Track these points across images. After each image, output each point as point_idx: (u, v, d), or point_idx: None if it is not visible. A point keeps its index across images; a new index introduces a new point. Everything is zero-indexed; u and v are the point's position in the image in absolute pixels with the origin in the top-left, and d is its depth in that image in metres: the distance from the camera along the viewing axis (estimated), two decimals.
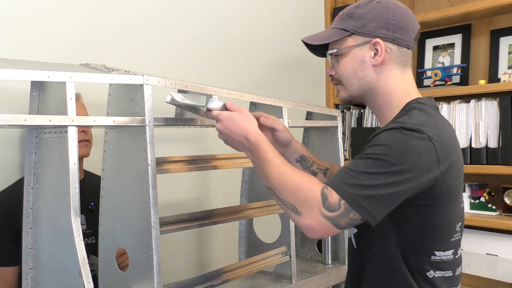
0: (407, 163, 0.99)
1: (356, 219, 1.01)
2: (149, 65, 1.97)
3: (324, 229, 1.02)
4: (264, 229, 1.82)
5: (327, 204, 1.01)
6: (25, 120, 1.07)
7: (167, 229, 1.32)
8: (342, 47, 1.17)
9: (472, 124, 2.25)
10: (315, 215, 1.01)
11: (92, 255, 1.56)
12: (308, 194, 1.03)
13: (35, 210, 1.28)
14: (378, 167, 0.99)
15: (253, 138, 1.15)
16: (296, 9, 2.58)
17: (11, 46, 1.63)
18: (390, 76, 1.15)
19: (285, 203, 1.07)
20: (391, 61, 1.14)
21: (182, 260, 2.12)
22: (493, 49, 2.36)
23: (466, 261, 2.26)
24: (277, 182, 1.09)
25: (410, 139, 1.00)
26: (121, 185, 1.30)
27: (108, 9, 1.87)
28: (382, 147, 1.01)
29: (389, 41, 1.13)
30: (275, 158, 1.12)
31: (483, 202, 2.28)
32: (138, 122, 1.23)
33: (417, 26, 1.18)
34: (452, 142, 1.07)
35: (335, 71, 1.20)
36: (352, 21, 1.15)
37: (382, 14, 1.13)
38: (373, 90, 1.16)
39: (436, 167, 1.02)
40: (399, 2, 1.18)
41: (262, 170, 1.13)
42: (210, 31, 2.21)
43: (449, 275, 1.12)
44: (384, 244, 1.10)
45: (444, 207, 1.07)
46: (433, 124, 1.05)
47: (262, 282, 1.65)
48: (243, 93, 1.56)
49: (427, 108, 1.10)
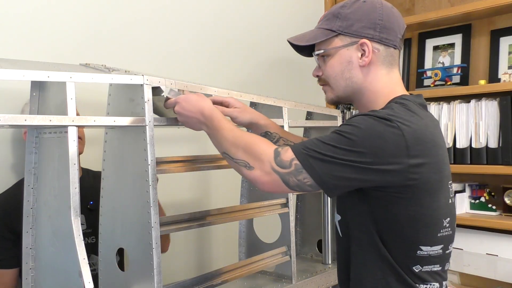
0: (370, 147, 1.00)
1: (305, 183, 1.04)
2: (149, 65, 1.97)
3: (272, 182, 1.06)
4: (264, 229, 1.82)
5: (278, 160, 1.04)
6: (25, 120, 1.07)
7: (167, 229, 1.32)
8: (328, 47, 1.17)
9: (472, 124, 2.25)
10: (266, 168, 1.05)
11: (93, 255, 1.56)
12: (261, 151, 1.07)
13: (35, 210, 1.28)
14: (340, 142, 1.01)
15: (208, 111, 1.21)
16: (296, 9, 2.58)
17: (11, 46, 1.63)
18: (377, 76, 1.15)
19: (238, 161, 1.11)
20: (378, 61, 1.14)
21: (182, 260, 2.12)
22: (493, 49, 2.36)
23: (466, 261, 2.26)
24: (232, 143, 1.13)
25: (378, 125, 1.01)
26: (121, 185, 1.30)
27: (108, 9, 1.87)
28: (350, 127, 1.02)
29: (376, 41, 1.13)
30: (230, 125, 1.17)
31: (483, 202, 2.28)
32: (138, 122, 1.23)
33: (403, 26, 1.18)
34: (431, 138, 1.06)
35: (322, 72, 1.21)
36: (339, 21, 1.15)
37: (368, 14, 1.13)
38: (359, 90, 1.16)
39: (404, 158, 1.01)
40: (385, 1, 1.18)
41: (218, 138, 1.17)
42: (210, 31, 2.21)
43: (438, 269, 1.12)
44: (366, 233, 1.10)
45: (423, 201, 1.06)
46: (409, 117, 1.05)
47: (262, 282, 1.65)
48: (243, 93, 1.56)
49: (410, 104, 1.10)
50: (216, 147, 1.20)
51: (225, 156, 1.16)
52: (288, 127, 1.65)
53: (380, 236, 1.09)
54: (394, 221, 1.07)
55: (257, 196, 1.72)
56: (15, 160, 1.66)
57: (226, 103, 1.39)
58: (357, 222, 1.12)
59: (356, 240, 1.13)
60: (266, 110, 1.70)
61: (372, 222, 1.09)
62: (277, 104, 1.65)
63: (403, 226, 1.07)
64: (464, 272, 2.28)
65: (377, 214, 1.08)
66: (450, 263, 1.19)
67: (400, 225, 1.07)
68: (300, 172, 1.03)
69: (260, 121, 1.39)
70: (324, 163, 1.01)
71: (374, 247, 1.09)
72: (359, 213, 1.10)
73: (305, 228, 2.01)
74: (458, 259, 2.28)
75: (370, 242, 1.10)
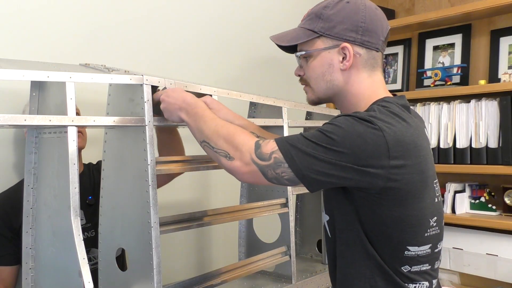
0: (350, 147, 1.00)
1: (283, 176, 1.04)
2: (149, 65, 1.97)
3: (250, 173, 1.07)
4: (264, 229, 1.82)
5: (258, 152, 1.05)
6: (25, 120, 1.07)
7: (167, 229, 1.32)
8: (310, 49, 1.16)
9: (472, 124, 2.25)
10: (246, 159, 1.06)
11: (93, 248, 1.56)
12: (242, 142, 1.07)
13: (35, 210, 1.28)
14: (321, 140, 1.02)
15: (192, 100, 1.22)
16: (296, 9, 2.58)
17: (11, 46, 1.63)
18: (358, 79, 1.15)
19: (219, 151, 1.11)
20: (360, 64, 1.14)
21: (182, 260, 2.12)
22: (493, 49, 2.36)
23: (466, 261, 2.26)
24: (213, 132, 1.12)
25: (359, 126, 1.02)
26: (121, 185, 1.30)
27: (108, 9, 1.88)
28: (332, 126, 1.03)
29: (357, 45, 1.13)
30: (212, 114, 1.17)
31: (483, 202, 2.28)
32: (138, 122, 1.23)
33: (386, 27, 1.17)
34: (412, 140, 1.06)
35: (303, 72, 1.20)
36: (321, 22, 1.14)
37: (351, 16, 1.12)
38: (340, 92, 1.17)
39: (385, 159, 1.01)
40: (369, 2, 1.16)
41: (199, 125, 1.17)
42: (210, 31, 2.22)
43: (427, 268, 1.12)
44: (353, 232, 1.10)
45: (407, 202, 1.06)
46: (390, 120, 1.05)
47: (262, 282, 1.65)
48: (243, 93, 1.56)
49: (391, 106, 1.10)
50: (195, 135, 1.19)
51: (204, 144, 1.15)
52: (288, 127, 1.65)
53: (367, 236, 1.09)
54: (379, 222, 1.07)
55: (257, 196, 1.72)
56: (17, 160, 1.66)
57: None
58: (344, 222, 1.12)
59: (344, 240, 1.13)
60: (266, 110, 1.70)
61: (359, 222, 1.09)
62: (277, 104, 1.65)
63: (388, 227, 1.07)
64: (464, 272, 2.28)
65: (363, 215, 1.09)
66: (441, 261, 1.19)
67: (385, 226, 1.07)
68: (279, 166, 1.04)
69: (235, 121, 1.37)
70: (305, 156, 1.02)
71: (362, 247, 1.10)
72: (345, 213, 1.11)
73: (304, 228, 2.01)
74: (458, 259, 2.28)
75: (357, 241, 1.10)
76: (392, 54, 2.74)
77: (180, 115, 1.22)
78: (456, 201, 2.29)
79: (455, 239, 2.30)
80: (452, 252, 2.30)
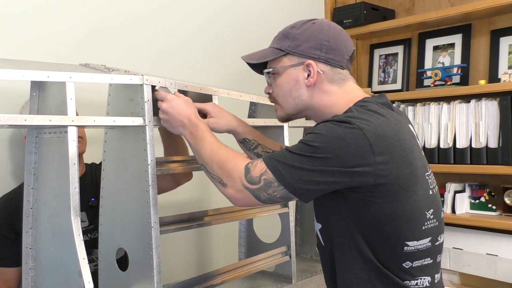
0: (333, 151, 1.02)
1: (276, 195, 1.08)
2: (149, 65, 1.97)
3: (244, 199, 1.11)
4: (264, 229, 1.82)
5: (248, 177, 1.09)
6: (25, 120, 1.07)
7: (167, 229, 1.32)
8: (277, 66, 1.21)
9: (472, 124, 2.25)
10: (237, 186, 1.10)
11: (96, 250, 1.56)
12: (233, 168, 1.11)
13: (35, 210, 1.28)
14: (305, 151, 1.04)
15: (195, 119, 1.24)
16: (296, 9, 2.58)
17: (11, 46, 1.63)
18: (327, 93, 1.18)
19: (214, 176, 1.15)
20: (326, 80, 1.18)
21: (182, 260, 2.12)
22: (493, 49, 2.36)
23: (466, 261, 2.26)
24: (209, 158, 1.17)
25: (338, 128, 1.04)
26: (121, 185, 1.30)
27: (108, 9, 1.87)
28: (313, 135, 1.06)
29: (322, 62, 1.17)
30: (210, 138, 1.20)
31: (483, 202, 2.28)
32: (138, 122, 1.23)
33: (351, 47, 1.21)
34: (394, 133, 1.07)
35: (272, 89, 1.24)
36: (288, 41, 1.19)
37: (315, 35, 1.17)
38: (310, 107, 1.20)
39: (370, 156, 1.03)
40: (334, 23, 1.21)
41: (198, 148, 1.20)
42: (210, 31, 2.21)
43: (428, 262, 1.12)
44: (349, 237, 1.11)
45: (399, 197, 1.07)
46: (368, 117, 1.06)
47: (262, 282, 1.66)
48: (243, 93, 1.56)
49: (370, 104, 1.11)
50: (196, 156, 1.23)
51: (202, 168, 1.20)
52: (288, 127, 1.65)
53: (364, 238, 1.09)
54: (375, 221, 1.08)
55: None
56: (17, 160, 1.66)
57: (204, 111, 1.38)
58: (340, 227, 1.12)
59: (340, 245, 1.13)
60: (266, 110, 1.70)
61: (355, 225, 1.10)
62: None
63: (384, 224, 1.07)
64: (464, 272, 2.28)
65: (358, 216, 1.09)
66: (442, 261, 1.19)
67: (381, 225, 1.07)
68: (269, 186, 1.07)
69: (238, 128, 1.39)
70: (292, 170, 1.04)
71: (358, 251, 1.10)
72: (341, 217, 1.11)
73: (305, 228, 2.01)
74: (458, 259, 2.28)
75: (353, 246, 1.11)
76: (392, 54, 2.74)
77: (183, 133, 1.25)
78: (456, 201, 2.29)
79: (455, 239, 2.30)
80: (452, 252, 2.30)
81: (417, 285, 1.11)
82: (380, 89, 2.74)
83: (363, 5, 2.63)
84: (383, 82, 2.77)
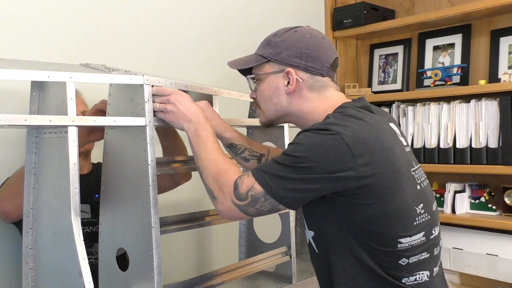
0: (314, 159, 1.04)
1: (263, 210, 1.10)
2: (149, 65, 1.97)
3: (233, 215, 1.14)
4: (265, 229, 1.82)
5: (237, 194, 1.11)
6: (25, 120, 1.07)
7: (167, 229, 1.32)
8: (260, 73, 1.25)
9: (472, 124, 2.25)
10: (226, 202, 1.12)
11: (96, 243, 1.56)
12: (225, 182, 1.13)
13: (35, 210, 1.28)
14: (288, 161, 1.07)
15: (203, 119, 1.23)
16: (296, 9, 2.58)
17: (11, 46, 1.63)
18: (307, 100, 1.21)
19: (207, 187, 1.18)
20: (305, 87, 1.20)
21: (182, 260, 2.12)
22: (493, 49, 2.36)
23: (466, 261, 2.26)
24: (206, 165, 1.18)
25: (317, 136, 1.06)
26: (121, 185, 1.30)
27: (108, 9, 1.87)
28: (294, 145, 1.09)
29: (301, 70, 1.20)
30: (212, 144, 1.20)
31: (483, 202, 2.28)
32: (138, 122, 1.23)
33: (332, 55, 1.22)
34: (373, 135, 1.08)
35: (256, 95, 1.28)
36: (270, 48, 1.22)
37: (296, 43, 1.20)
38: (291, 113, 1.23)
39: (351, 160, 1.04)
40: (316, 31, 1.23)
41: (198, 150, 1.21)
42: (210, 31, 2.21)
43: (425, 257, 1.13)
44: (343, 241, 1.12)
45: (385, 196, 1.07)
46: (344, 122, 1.08)
47: (262, 282, 1.66)
48: (243, 93, 1.56)
49: (347, 110, 1.13)
50: (193, 155, 1.24)
51: (198, 171, 1.22)
52: (288, 126, 1.65)
53: (357, 240, 1.10)
54: (365, 222, 1.08)
55: None
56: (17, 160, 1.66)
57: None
58: (332, 232, 1.13)
59: (334, 250, 1.14)
60: None
61: (346, 228, 1.10)
62: None
63: (374, 224, 1.08)
64: (464, 272, 2.28)
65: (348, 219, 1.10)
66: (441, 261, 1.20)
67: (371, 225, 1.08)
68: (256, 202, 1.09)
69: (225, 133, 1.39)
70: (277, 179, 1.07)
71: (352, 254, 1.11)
72: (332, 223, 1.13)
73: None
74: (458, 259, 2.28)
75: (347, 249, 1.11)
76: (392, 54, 2.74)
77: (187, 128, 1.23)
78: (456, 201, 2.29)
79: (455, 239, 2.30)
80: (452, 252, 2.30)
81: (416, 281, 1.11)
82: (380, 89, 2.75)
83: (363, 5, 2.63)
84: (383, 82, 2.77)
